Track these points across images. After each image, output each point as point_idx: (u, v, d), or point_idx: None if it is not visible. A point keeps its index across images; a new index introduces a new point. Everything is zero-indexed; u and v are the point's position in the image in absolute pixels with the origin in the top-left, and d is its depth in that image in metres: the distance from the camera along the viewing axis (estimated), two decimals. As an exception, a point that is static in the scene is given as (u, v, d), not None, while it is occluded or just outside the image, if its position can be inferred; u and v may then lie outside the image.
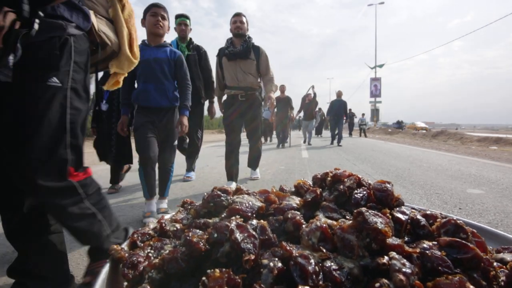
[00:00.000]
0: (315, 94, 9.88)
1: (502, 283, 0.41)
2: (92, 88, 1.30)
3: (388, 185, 0.52)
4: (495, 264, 0.44)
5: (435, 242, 0.43)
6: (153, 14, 2.10)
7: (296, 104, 9.67)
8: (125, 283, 0.46)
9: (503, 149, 7.59)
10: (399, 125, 31.46)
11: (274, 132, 9.97)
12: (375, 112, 29.50)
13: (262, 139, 11.78)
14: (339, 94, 9.93)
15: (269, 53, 3.11)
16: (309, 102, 9.84)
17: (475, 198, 2.69)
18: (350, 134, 16.07)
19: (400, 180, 3.57)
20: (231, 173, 3.08)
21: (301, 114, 10.63)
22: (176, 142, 2.24)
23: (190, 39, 3.44)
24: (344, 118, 10.06)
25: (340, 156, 6.31)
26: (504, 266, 0.44)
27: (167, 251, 0.43)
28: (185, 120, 2.20)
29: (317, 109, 12.68)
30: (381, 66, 30.25)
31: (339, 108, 9.62)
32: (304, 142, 10.30)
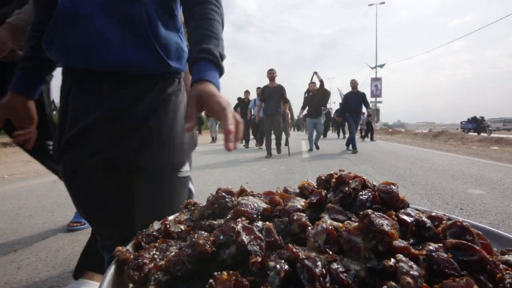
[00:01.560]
0: (322, 82, 7.35)
1: (508, 285, 0.41)
2: None
3: (393, 187, 0.52)
4: (501, 266, 0.44)
5: (441, 244, 0.43)
6: None
7: (296, 102, 8.41)
8: (131, 285, 0.46)
9: (504, 149, 7.59)
10: (477, 125, 19.03)
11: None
12: (375, 112, 29.43)
13: (251, 144, 8.80)
14: (354, 84, 7.39)
15: (269, 53, 2.11)
16: (313, 95, 7.37)
17: (476, 199, 2.69)
18: (372, 138, 12.48)
19: (401, 180, 3.56)
20: None
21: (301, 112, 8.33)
22: (188, 170, 0.84)
23: None
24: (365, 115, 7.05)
25: (341, 156, 6.31)
26: (509, 268, 0.44)
27: (173, 253, 0.43)
28: (216, 93, 0.61)
29: (328, 104, 9.72)
30: (381, 66, 30.24)
31: (356, 102, 7.22)
32: (310, 149, 7.60)
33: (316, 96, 7.35)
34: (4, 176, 4.28)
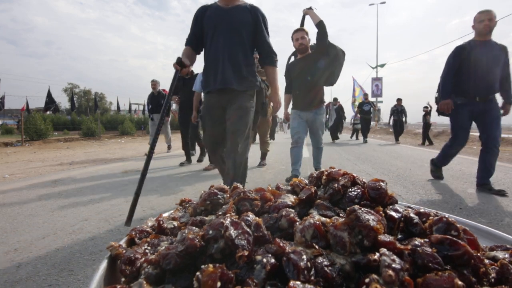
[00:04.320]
0: (321, 25, 3.08)
1: (493, 280, 0.42)
2: None
3: (382, 184, 0.52)
4: (486, 261, 0.44)
5: (427, 240, 0.44)
6: None
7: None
8: (123, 279, 0.47)
9: (504, 149, 7.57)
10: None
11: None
12: (376, 112, 29.21)
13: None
14: (487, 26, 2.69)
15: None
16: (302, 58, 3.21)
17: (476, 198, 2.69)
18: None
19: (401, 180, 3.56)
20: None
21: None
22: None
23: None
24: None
25: (341, 156, 6.31)
26: (495, 263, 0.45)
27: (163, 248, 0.44)
28: None
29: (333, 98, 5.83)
30: (382, 65, 30.15)
31: (490, 67, 2.74)
32: (294, 176, 3.20)
33: (311, 59, 3.17)
34: (5, 175, 4.31)
